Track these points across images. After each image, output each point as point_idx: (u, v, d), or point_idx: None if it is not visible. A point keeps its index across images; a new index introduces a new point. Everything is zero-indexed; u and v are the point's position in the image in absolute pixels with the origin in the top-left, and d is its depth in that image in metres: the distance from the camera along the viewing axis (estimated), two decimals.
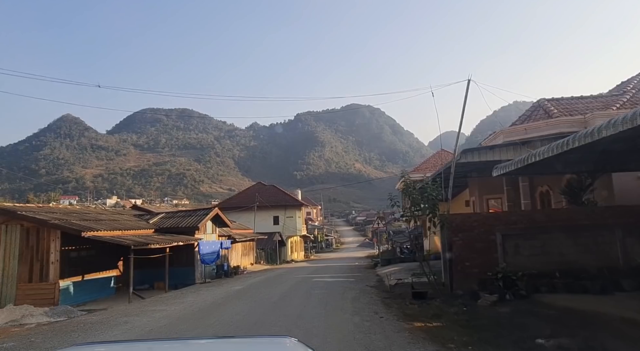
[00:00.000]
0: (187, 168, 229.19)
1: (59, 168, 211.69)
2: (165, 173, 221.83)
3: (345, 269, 26.57)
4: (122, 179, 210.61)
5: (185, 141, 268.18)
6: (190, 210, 25.74)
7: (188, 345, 2.99)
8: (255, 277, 23.34)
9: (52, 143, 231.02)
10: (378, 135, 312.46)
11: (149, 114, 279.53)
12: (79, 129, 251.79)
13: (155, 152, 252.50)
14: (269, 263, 38.77)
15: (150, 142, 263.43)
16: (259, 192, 53.18)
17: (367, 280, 18.95)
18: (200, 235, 23.18)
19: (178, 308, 12.29)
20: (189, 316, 10.92)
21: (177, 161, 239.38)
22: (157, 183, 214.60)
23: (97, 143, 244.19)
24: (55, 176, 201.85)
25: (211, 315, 10.87)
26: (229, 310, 11.64)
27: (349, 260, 43.77)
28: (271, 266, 35.21)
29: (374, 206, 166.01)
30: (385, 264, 26.46)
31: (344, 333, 8.06)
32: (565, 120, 14.57)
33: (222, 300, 13.63)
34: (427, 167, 50.63)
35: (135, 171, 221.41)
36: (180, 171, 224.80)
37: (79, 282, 18.21)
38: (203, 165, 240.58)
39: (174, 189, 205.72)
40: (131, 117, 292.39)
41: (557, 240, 13.02)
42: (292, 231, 50.20)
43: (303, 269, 28.90)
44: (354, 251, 72.94)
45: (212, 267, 23.88)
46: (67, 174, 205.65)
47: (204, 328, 9.23)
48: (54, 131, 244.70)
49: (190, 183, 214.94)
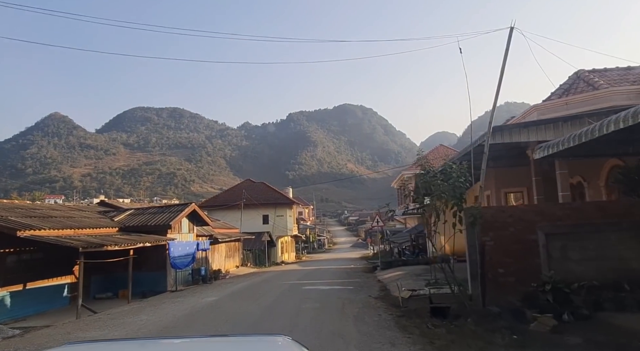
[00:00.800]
0: (178, 168, 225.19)
1: (46, 167, 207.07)
2: (156, 173, 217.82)
3: (341, 274, 23.44)
4: (111, 179, 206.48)
5: (176, 140, 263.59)
6: (162, 206, 22.42)
7: (181, 343, 2.93)
8: (237, 283, 20.14)
9: (40, 142, 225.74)
10: (370, 135, 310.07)
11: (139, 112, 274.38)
12: (68, 127, 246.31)
13: (146, 152, 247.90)
14: (257, 265, 35.56)
15: (141, 142, 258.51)
16: (247, 189, 49.89)
17: (368, 288, 15.84)
18: (174, 235, 19.94)
19: (118, 333, 9.03)
20: None
21: (168, 160, 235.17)
22: (147, 182, 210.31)
23: (86, 142, 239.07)
24: (42, 175, 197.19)
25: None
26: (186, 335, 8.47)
27: (344, 262, 40.69)
28: (258, 269, 31.98)
29: (366, 206, 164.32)
30: (385, 267, 23.39)
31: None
32: (619, 91, 11.61)
33: (184, 320, 10.40)
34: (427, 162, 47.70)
35: (124, 170, 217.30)
36: (170, 171, 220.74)
37: (18, 292, 14.91)
38: (194, 164, 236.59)
39: (164, 188, 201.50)
40: (121, 116, 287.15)
41: (615, 241, 10.06)
42: (282, 231, 46.99)
43: (293, 273, 25.73)
44: (347, 252, 69.90)
45: (188, 271, 20.64)
46: (54, 173, 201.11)
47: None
48: (42, 130, 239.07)
49: (181, 182, 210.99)
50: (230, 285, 19.40)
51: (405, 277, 17.78)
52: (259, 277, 23.49)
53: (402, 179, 48.91)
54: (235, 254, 31.39)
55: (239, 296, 15.19)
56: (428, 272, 19.31)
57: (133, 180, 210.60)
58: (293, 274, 24.50)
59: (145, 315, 11.29)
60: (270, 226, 46.31)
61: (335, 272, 25.11)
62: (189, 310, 11.82)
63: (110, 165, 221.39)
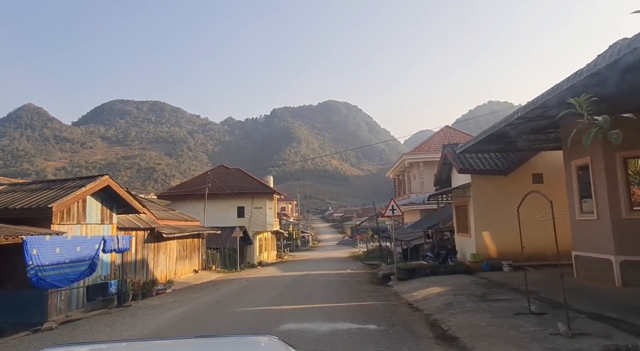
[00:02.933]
0: (158, 162, 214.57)
1: (18, 160, 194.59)
2: (135, 167, 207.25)
3: (339, 287, 15.24)
4: (87, 173, 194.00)
5: (157, 134, 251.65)
6: (50, 181, 13.92)
7: (168, 344, 2.80)
8: (171, 308, 11.83)
9: (12, 134, 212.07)
10: (354, 132, 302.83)
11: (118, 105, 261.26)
12: (42, 119, 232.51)
13: (125, 146, 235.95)
14: (226, 269, 27.27)
15: (119, 135, 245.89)
16: (220, 176, 41.40)
17: (405, 330, 7.76)
18: (67, 225, 11.62)
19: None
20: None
21: (148, 154, 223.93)
22: (125, 177, 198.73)
23: (61, 135, 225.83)
24: (14, 168, 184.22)
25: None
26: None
27: (334, 263, 32.70)
28: (225, 275, 23.63)
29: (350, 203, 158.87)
30: (405, 277, 15.36)
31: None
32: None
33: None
34: (431, 146, 40.06)
35: (101, 164, 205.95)
36: (150, 165, 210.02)
37: None
38: (175, 159, 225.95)
39: (143, 183, 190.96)
40: (99, 108, 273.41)
41: None
42: (261, 226, 38.70)
43: (269, 285, 17.48)
44: (333, 250, 62.16)
45: (92, 286, 12.27)
46: (27, 166, 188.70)
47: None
48: (14, 121, 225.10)
49: (161, 177, 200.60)
50: (156, 313, 11.09)
51: (459, 301, 9.80)
52: (216, 293, 15.09)
53: (402, 165, 41.13)
54: (193, 254, 23.03)
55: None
56: (482, 287, 11.49)
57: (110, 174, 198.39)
58: (268, 287, 16.22)
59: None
60: (247, 219, 38.01)
61: (329, 283, 16.96)
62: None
63: (86, 159, 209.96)
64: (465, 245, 17.35)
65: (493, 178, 15.95)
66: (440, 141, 39.31)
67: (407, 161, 37.13)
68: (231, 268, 27.87)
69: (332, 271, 22.82)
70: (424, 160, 36.37)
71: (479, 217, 15.90)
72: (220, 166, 44.61)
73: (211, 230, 25.48)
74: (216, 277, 21.73)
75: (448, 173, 19.16)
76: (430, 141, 38.59)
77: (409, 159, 37.08)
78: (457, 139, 40.54)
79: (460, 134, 41.30)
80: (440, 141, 39.32)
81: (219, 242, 28.53)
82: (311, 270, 24.75)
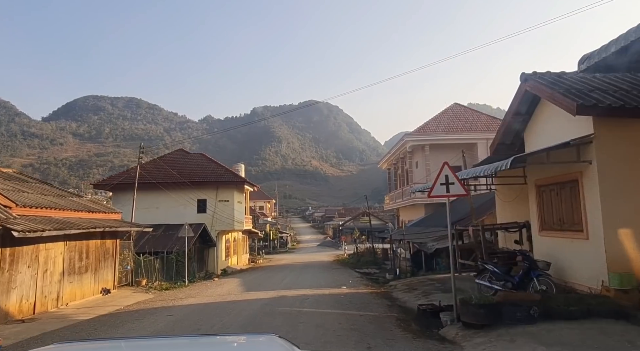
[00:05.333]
0: (132, 160, 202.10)
1: None
2: (108, 164, 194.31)
3: (344, 338, 7.08)
4: (55, 170, 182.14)
5: (132, 132, 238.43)
6: None
7: (170, 342, 2.64)
8: None
9: None
10: (335, 133, 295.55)
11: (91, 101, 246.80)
12: (9, 114, 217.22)
13: (97, 143, 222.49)
14: (168, 283, 18.75)
15: (92, 132, 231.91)
16: (177, 162, 32.77)
17: None
18: None
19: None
20: None
21: (122, 152, 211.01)
22: (97, 174, 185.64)
23: (30, 130, 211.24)
24: None
25: None
26: None
27: (318, 271, 24.59)
28: (152, 297, 14.88)
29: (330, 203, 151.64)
30: (483, 321, 7.27)
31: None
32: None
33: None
34: (439, 126, 32.27)
35: (72, 161, 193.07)
36: (124, 163, 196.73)
37: None
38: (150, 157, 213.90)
39: None
40: (71, 104, 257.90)
41: None
42: (227, 224, 30.22)
43: (202, 329, 9.25)
44: (315, 253, 54.22)
45: None
46: None
47: None
48: None
49: None
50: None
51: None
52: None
53: (401, 150, 33.01)
54: (104, 264, 14.46)
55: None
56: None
57: (81, 172, 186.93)
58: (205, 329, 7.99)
59: None
60: (210, 215, 29.48)
61: (321, 325, 8.74)
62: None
63: (56, 155, 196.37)
64: (568, 254, 9.36)
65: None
66: (450, 120, 31.60)
67: (410, 143, 29.22)
68: (176, 282, 19.32)
69: (321, 291, 14.56)
70: (430, 142, 28.56)
71: (615, 201, 8.01)
72: (178, 150, 35.99)
73: (139, 228, 16.79)
74: (132, 302, 13.11)
75: (519, 133, 11.21)
76: (438, 120, 30.75)
77: (412, 142, 29.16)
78: (469, 118, 33.23)
79: (472, 113, 33.76)
80: (449, 121, 31.69)
81: (158, 243, 19.96)
82: (290, 286, 16.48)
